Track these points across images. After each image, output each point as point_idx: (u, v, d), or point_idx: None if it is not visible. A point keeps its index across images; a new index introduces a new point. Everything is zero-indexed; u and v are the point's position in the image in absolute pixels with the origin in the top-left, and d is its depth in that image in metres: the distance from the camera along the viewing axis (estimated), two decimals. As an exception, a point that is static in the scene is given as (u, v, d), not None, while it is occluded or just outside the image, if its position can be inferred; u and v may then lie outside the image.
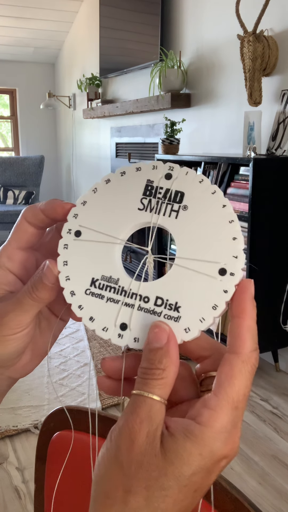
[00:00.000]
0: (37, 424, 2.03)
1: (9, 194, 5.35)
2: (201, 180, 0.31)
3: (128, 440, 0.26)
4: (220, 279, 0.29)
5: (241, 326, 0.28)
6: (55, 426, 0.69)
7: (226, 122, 2.80)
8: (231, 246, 0.29)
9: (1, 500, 1.64)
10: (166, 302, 0.30)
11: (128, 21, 3.72)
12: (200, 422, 0.26)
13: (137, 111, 3.51)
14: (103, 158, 4.64)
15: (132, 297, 0.31)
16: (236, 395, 0.27)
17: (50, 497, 0.70)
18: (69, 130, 5.56)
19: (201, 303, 0.29)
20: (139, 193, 0.32)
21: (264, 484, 1.68)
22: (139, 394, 0.27)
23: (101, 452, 0.28)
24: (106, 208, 0.32)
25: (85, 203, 0.32)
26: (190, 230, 0.30)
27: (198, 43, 2.99)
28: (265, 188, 2.09)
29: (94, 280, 0.31)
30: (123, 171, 0.32)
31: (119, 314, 0.31)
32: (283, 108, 2.30)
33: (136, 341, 0.30)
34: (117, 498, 0.26)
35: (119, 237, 0.32)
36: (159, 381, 0.27)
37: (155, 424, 0.27)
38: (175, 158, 2.81)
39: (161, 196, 0.31)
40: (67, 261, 0.32)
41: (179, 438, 0.26)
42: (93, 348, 2.78)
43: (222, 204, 0.30)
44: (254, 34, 2.24)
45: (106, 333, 0.31)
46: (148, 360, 0.28)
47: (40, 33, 5.06)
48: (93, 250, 0.32)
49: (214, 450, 0.26)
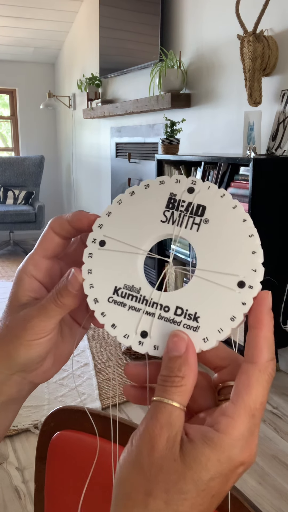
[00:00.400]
0: (37, 424, 2.03)
1: (9, 194, 5.35)
2: (223, 194, 0.32)
3: (148, 445, 0.27)
4: (239, 292, 0.30)
5: (258, 336, 0.29)
6: (55, 426, 0.69)
7: (226, 122, 2.79)
8: (250, 259, 0.30)
9: (1, 500, 1.64)
10: (186, 312, 0.31)
11: (128, 21, 3.72)
12: (218, 430, 0.27)
13: (137, 111, 3.51)
14: (103, 158, 4.64)
15: (153, 306, 0.32)
16: (253, 403, 0.28)
17: (50, 497, 0.70)
18: (69, 130, 5.56)
19: (220, 314, 0.30)
20: (162, 205, 0.33)
21: (264, 484, 1.68)
22: (159, 400, 0.28)
23: (123, 456, 0.29)
24: (130, 219, 0.33)
25: (110, 214, 0.34)
26: (211, 243, 0.31)
27: (198, 43, 2.99)
28: (265, 188, 2.09)
29: (117, 289, 0.33)
30: (147, 184, 0.33)
31: (140, 322, 0.32)
32: (283, 108, 2.30)
33: (155, 348, 0.31)
34: (138, 500, 0.27)
35: (141, 247, 0.33)
36: (179, 388, 0.28)
37: (175, 430, 0.28)
38: (175, 158, 2.81)
39: (183, 209, 0.32)
40: (91, 270, 0.33)
41: (198, 444, 0.27)
42: (93, 348, 2.78)
43: (243, 218, 0.31)
44: (254, 34, 2.24)
45: (127, 340, 0.32)
46: (167, 368, 0.29)
47: (40, 33, 5.06)
48: (117, 260, 0.33)
49: (232, 456, 0.27)
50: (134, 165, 3.94)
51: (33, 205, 5.26)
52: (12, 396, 0.37)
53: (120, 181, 4.26)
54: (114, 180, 4.41)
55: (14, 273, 3.28)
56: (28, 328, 0.34)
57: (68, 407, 0.69)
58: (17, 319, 0.35)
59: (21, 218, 5.01)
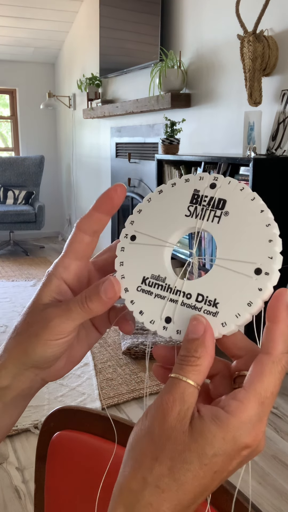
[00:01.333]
0: (37, 424, 2.03)
1: (9, 194, 5.35)
2: (242, 188, 0.34)
3: (161, 415, 0.30)
4: (256, 278, 0.32)
5: (274, 330, 0.30)
6: (55, 426, 0.69)
7: (226, 122, 2.79)
8: (267, 247, 0.32)
9: (1, 500, 1.64)
10: (206, 299, 0.33)
11: (128, 21, 3.72)
12: (227, 411, 0.29)
13: (137, 111, 3.51)
14: (103, 158, 4.64)
15: (177, 293, 0.34)
16: (264, 391, 0.29)
17: (50, 497, 0.70)
18: (69, 130, 5.56)
19: (237, 300, 0.32)
20: (186, 201, 0.35)
21: (264, 484, 1.68)
22: (175, 377, 0.31)
23: (137, 426, 0.31)
24: (158, 215, 0.36)
25: (140, 211, 0.37)
26: (230, 233, 0.33)
27: (198, 43, 2.99)
28: (265, 188, 2.09)
29: (145, 278, 0.35)
30: (174, 183, 0.36)
31: (164, 308, 0.34)
32: (283, 108, 2.30)
33: (178, 333, 0.33)
34: (145, 463, 0.29)
35: (168, 240, 0.35)
36: (194, 367, 0.30)
37: (187, 405, 0.30)
38: (175, 158, 2.81)
39: (205, 203, 0.35)
40: (123, 262, 0.36)
41: (206, 421, 0.29)
42: (93, 348, 2.78)
43: (260, 209, 0.33)
44: (254, 34, 2.24)
45: (153, 325, 0.34)
46: (185, 348, 0.31)
47: (40, 33, 5.06)
48: (145, 252, 0.36)
49: (237, 437, 0.29)
50: (134, 165, 3.94)
51: (33, 205, 5.26)
52: (24, 392, 0.38)
53: (120, 181, 4.26)
54: (114, 180, 4.41)
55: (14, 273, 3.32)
56: (48, 327, 0.35)
57: (68, 407, 0.68)
58: (38, 317, 0.35)
59: (21, 218, 5.02)
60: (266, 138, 2.40)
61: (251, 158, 2.07)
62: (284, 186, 2.15)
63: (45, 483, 0.70)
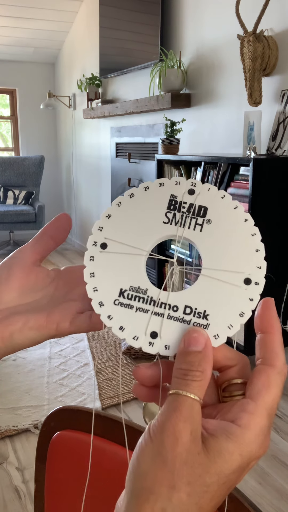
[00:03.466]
0: (37, 424, 2.03)
1: (9, 194, 5.35)
2: (223, 196, 0.32)
3: (172, 438, 0.28)
4: (245, 288, 0.31)
5: (273, 341, 0.30)
6: (55, 426, 0.69)
7: (226, 122, 2.79)
8: (254, 257, 0.31)
9: (1, 500, 1.64)
10: (195, 311, 0.32)
11: (128, 21, 3.72)
12: (240, 425, 0.28)
13: (137, 111, 3.51)
14: (103, 158, 4.64)
15: (161, 306, 0.32)
16: (272, 402, 0.29)
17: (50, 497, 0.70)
18: (69, 130, 5.56)
19: (229, 311, 0.31)
20: (163, 207, 0.33)
21: (264, 484, 1.68)
22: (180, 393, 0.29)
23: (140, 448, 0.29)
24: (131, 221, 0.33)
25: (109, 216, 0.34)
26: (215, 242, 0.32)
27: (198, 43, 2.99)
28: (265, 188, 2.09)
29: (122, 291, 0.33)
30: (147, 186, 0.33)
31: (149, 323, 0.32)
32: (283, 108, 2.30)
33: (167, 348, 0.32)
34: (162, 493, 0.27)
35: (144, 248, 0.33)
36: (199, 382, 0.29)
37: (196, 423, 0.28)
38: (175, 158, 2.81)
39: (185, 210, 0.33)
40: (94, 273, 0.33)
41: (221, 439, 0.28)
42: (93, 348, 2.78)
43: (244, 218, 0.32)
44: (254, 34, 2.24)
45: (137, 342, 0.32)
46: (187, 362, 0.30)
47: (40, 33, 5.05)
48: (120, 262, 0.33)
49: (253, 451, 0.28)
50: (134, 165, 3.94)
51: (33, 205, 5.26)
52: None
53: (120, 181, 4.26)
54: (114, 180, 4.41)
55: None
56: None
57: (68, 407, 0.69)
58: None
59: (21, 218, 5.02)
60: (266, 138, 2.40)
61: (251, 158, 2.07)
62: (284, 186, 2.14)
63: (45, 483, 0.70)
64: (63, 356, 2.69)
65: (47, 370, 2.52)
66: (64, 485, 0.69)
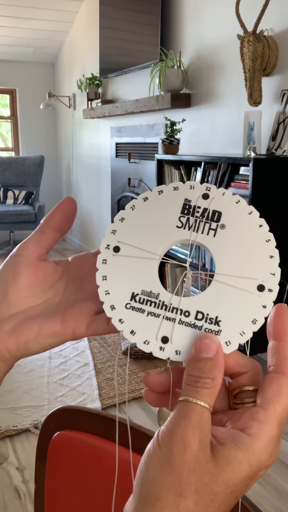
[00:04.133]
0: (37, 424, 2.03)
1: (9, 194, 5.35)
2: (238, 201, 0.32)
3: (181, 445, 0.27)
4: (259, 295, 0.31)
5: (285, 349, 0.30)
6: (55, 426, 0.69)
7: (226, 122, 2.79)
8: (268, 263, 0.31)
9: (1, 500, 1.64)
10: (207, 316, 0.31)
11: (128, 21, 3.72)
12: (250, 434, 0.28)
13: (137, 111, 3.51)
14: (103, 158, 4.64)
15: (173, 311, 0.32)
16: (283, 411, 0.29)
17: (50, 497, 0.70)
18: (69, 130, 5.56)
19: (241, 318, 0.31)
20: (177, 211, 0.33)
21: (264, 484, 1.68)
22: (189, 400, 0.29)
23: (148, 455, 0.28)
24: (144, 225, 0.33)
25: (123, 219, 0.33)
26: (228, 248, 0.32)
27: (198, 43, 2.99)
28: (265, 188, 2.09)
29: (134, 295, 0.32)
30: (161, 190, 0.33)
31: (160, 327, 0.32)
32: (283, 108, 2.30)
33: (177, 353, 0.31)
34: (169, 501, 0.27)
35: (157, 252, 0.33)
36: (209, 389, 0.29)
37: (205, 431, 0.28)
38: (175, 158, 2.81)
39: (199, 215, 0.32)
40: (106, 276, 0.33)
41: (230, 447, 0.28)
42: (93, 348, 2.78)
43: (259, 224, 0.32)
44: (254, 34, 2.24)
45: (148, 346, 0.32)
46: (198, 369, 0.29)
47: (40, 33, 5.05)
48: (133, 265, 0.33)
49: (262, 460, 0.28)
50: (134, 165, 3.94)
51: (33, 205, 5.26)
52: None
53: (120, 181, 4.26)
54: (114, 180, 4.41)
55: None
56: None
57: (68, 407, 0.68)
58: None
59: (21, 218, 5.02)
60: (266, 138, 2.40)
61: (251, 158, 2.07)
62: (284, 186, 2.14)
63: (45, 483, 0.70)
64: (63, 356, 2.69)
65: (47, 370, 2.52)
66: (64, 485, 0.69)
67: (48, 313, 0.35)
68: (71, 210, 0.37)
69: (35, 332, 0.34)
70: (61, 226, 0.37)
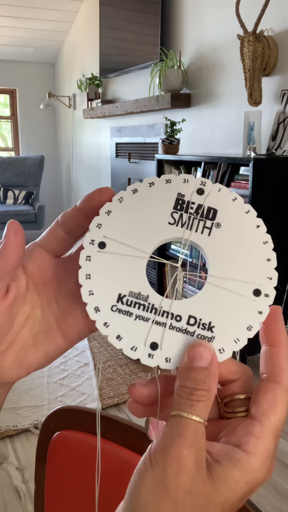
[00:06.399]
0: (37, 424, 2.03)
1: (9, 194, 5.35)
2: (235, 198, 0.30)
3: (176, 466, 0.25)
4: (254, 300, 0.29)
5: (280, 356, 0.28)
6: (55, 426, 0.69)
7: (226, 122, 2.79)
8: (265, 267, 0.29)
9: (1, 500, 1.64)
10: (200, 322, 0.29)
11: (128, 21, 3.72)
12: (246, 450, 0.26)
13: (137, 111, 3.51)
14: (103, 158, 4.64)
15: (163, 315, 0.29)
16: (278, 423, 0.27)
17: (50, 497, 0.70)
18: (69, 130, 5.56)
19: (236, 324, 0.29)
20: (169, 206, 0.30)
21: (264, 484, 1.68)
22: (183, 416, 0.26)
23: (139, 474, 0.26)
24: (133, 220, 0.30)
25: (109, 212, 0.30)
26: (223, 248, 0.30)
27: (198, 43, 2.99)
28: (265, 188, 2.09)
29: (121, 296, 0.30)
30: (152, 182, 0.30)
31: (149, 333, 0.29)
32: (283, 108, 2.30)
33: (167, 361, 0.29)
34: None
35: (146, 250, 0.30)
36: (204, 403, 0.27)
37: (201, 449, 0.26)
38: (175, 158, 2.81)
39: (193, 211, 0.30)
40: (90, 275, 0.30)
41: (227, 466, 0.26)
42: (93, 348, 2.78)
43: (256, 224, 0.30)
44: (254, 34, 2.24)
45: (135, 353, 0.29)
46: (191, 379, 0.27)
47: (40, 33, 5.06)
48: (120, 264, 0.30)
49: (259, 477, 0.27)
50: (134, 165, 3.94)
51: (33, 205, 5.26)
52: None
53: (120, 181, 4.26)
54: (114, 180, 4.41)
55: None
56: None
57: (68, 407, 0.68)
58: None
59: (21, 218, 5.02)
60: (266, 138, 2.40)
61: (251, 158, 2.07)
62: (284, 186, 2.14)
63: (45, 483, 0.70)
64: (63, 356, 2.69)
65: (47, 370, 2.52)
66: (64, 485, 0.69)
67: (44, 334, 0.32)
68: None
69: (43, 359, 0.32)
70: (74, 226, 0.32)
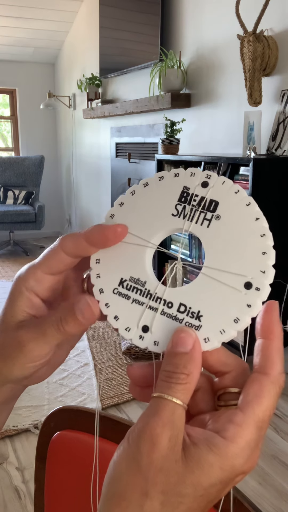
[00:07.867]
0: (37, 424, 2.03)
1: (9, 194, 5.35)
2: (237, 190, 0.31)
3: (149, 443, 0.26)
4: (245, 293, 0.29)
5: (270, 348, 0.28)
6: (55, 426, 0.69)
7: (226, 122, 2.79)
8: (260, 260, 0.29)
9: (1, 500, 1.64)
10: (189, 310, 0.30)
11: (128, 21, 3.72)
12: (225, 437, 0.27)
13: (137, 111, 3.51)
14: (103, 158, 4.64)
15: (157, 301, 0.31)
16: (262, 414, 0.27)
17: (50, 497, 0.70)
18: (69, 130, 5.56)
19: (223, 315, 0.29)
20: (174, 199, 0.32)
21: (264, 484, 1.68)
22: (161, 397, 0.27)
23: (117, 453, 0.27)
24: (141, 211, 0.32)
25: (122, 204, 0.33)
26: (220, 240, 0.30)
27: (198, 43, 2.99)
28: (265, 188, 2.09)
29: (122, 280, 0.32)
30: (162, 176, 0.32)
31: (142, 316, 0.31)
32: (283, 108, 2.30)
33: (156, 344, 0.30)
34: (133, 500, 0.26)
35: (151, 240, 0.32)
36: (183, 385, 0.27)
37: (177, 429, 0.27)
38: (175, 158, 2.81)
39: (195, 203, 0.31)
40: (100, 259, 0.32)
41: (202, 448, 0.26)
42: (93, 348, 2.78)
43: (256, 217, 0.30)
44: (254, 34, 2.24)
45: (128, 333, 0.31)
46: (172, 364, 0.28)
47: (40, 33, 5.05)
48: (125, 251, 0.32)
49: (236, 465, 0.26)
50: (134, 165, 3.94)
51: (33, 205, 5.26)
52: (6, 400, 0.36)
53: (120, 181, 4.26)
54: (114, 180, 4.41)
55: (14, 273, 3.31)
56: (23, 352, 0.32)
57: (68, 407, 0.68)
58: (12, 338, 0.32)
59: (21, 218, 5.02)
60: (266, 138, 2.40)
61: (251, 158, 2.07)
62: (284, 186, 2.14)
63: (45, 483, 0.70)
64: (63, 356, 2.69)
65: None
66: (64, 485, 0.69)
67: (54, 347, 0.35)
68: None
69: (50, 371, 0.36)
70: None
